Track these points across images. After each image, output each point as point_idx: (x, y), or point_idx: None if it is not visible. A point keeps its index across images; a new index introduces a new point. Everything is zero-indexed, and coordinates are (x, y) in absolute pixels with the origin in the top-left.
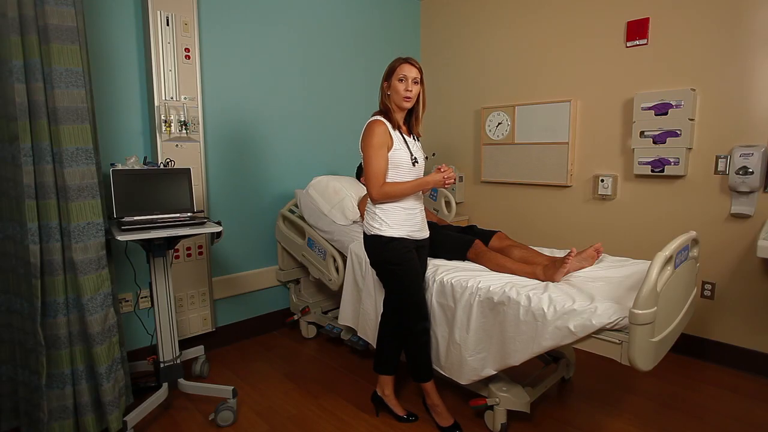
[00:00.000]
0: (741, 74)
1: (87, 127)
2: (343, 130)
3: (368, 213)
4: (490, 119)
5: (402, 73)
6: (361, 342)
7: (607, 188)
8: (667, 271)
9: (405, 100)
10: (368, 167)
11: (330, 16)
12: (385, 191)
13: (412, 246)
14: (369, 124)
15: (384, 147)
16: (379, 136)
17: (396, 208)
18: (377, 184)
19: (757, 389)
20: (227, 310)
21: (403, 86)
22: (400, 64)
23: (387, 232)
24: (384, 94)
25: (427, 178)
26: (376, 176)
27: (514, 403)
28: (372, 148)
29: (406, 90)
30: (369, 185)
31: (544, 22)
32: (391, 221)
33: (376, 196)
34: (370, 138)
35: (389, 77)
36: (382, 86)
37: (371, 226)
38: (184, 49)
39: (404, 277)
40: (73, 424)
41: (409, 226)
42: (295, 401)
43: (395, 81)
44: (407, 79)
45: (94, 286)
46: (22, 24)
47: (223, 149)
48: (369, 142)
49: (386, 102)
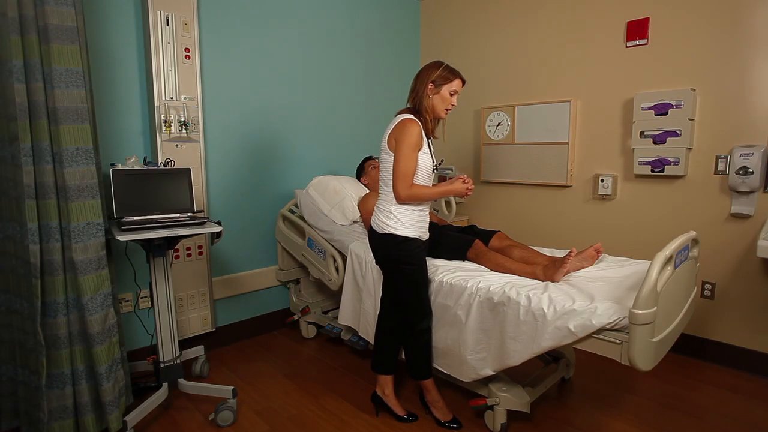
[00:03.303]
0: (741, 74)
1: (87, 127)
2: (343, 129)
3: (381, 211)
4: (490, 119)
5: (455, 88)
6: (361, 342)
7: (607, 188)
8: (667, 271)
9: (446, 112)
10: (399, 166)
11: (330, 16)
12: (413, 192)
13: (423, 246)
14: (405, 123)
15: (417, 149)
16: (415, 137)
17: (411, 209)
18: (406, 185)
19: (757, 389)
20: (227, 310)
21: (451, 101)
22: (457, 79)
23: (402, 232)
24: (425, 95)
25: (451, 186)
26: (406, 176)
27: (514, 403)
28: (408, 147)
29: (452, 104)
30: (397, 184)
31: (544, 22)
32: (406, 221)
33: (404, 196)
34: (406, 137)
35: (439, 83)
36: (426, 87)
37: (385, 224)
38: (184, 49)
39: (416, 276)
40: (73, 424)
41: (420, 227)
42: (295, 401)
43: (446, 92)
44: (456, 94)
45: (94, 286)
46: (22, 24)
47: (223, 149)
48: (405, 141)
49: (425, 104)
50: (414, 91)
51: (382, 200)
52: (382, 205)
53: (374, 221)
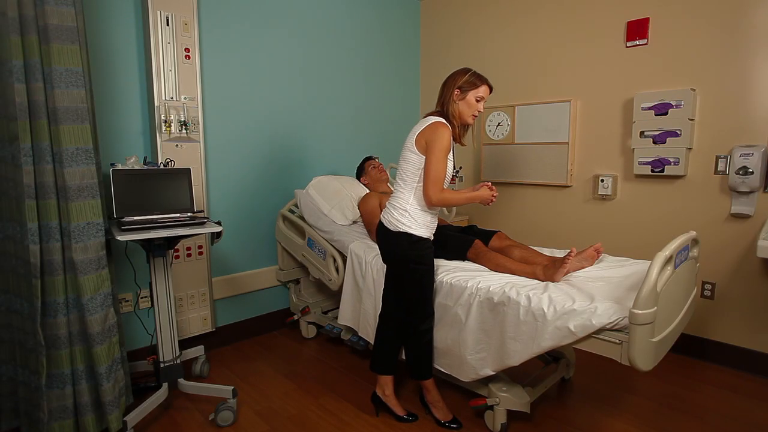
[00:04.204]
0: (741, 74)
1: (87, 127)
2: (343, 129)
3: (396, 209)
4: (490, 119)
5: (481, 94)
6: (361, 342)
7: (607, 188)
8: (667, 271)
9: (473, 118)
10: (431, 169)
11: (330, 16)
12: (444, 197)
13: (432, 247)
14: (438, 126)
15: (448, 153)
16: (447, 141)
17: (426, 211)
18: (438, 189)
19: (757, 389)
20: (227, 310)
21: (477, 107)
22: (483, 85)
23: (417, 232)
24: (452, 101)
25: (478, 193)
26: (438, 180)
27: (514, 403)
28: (441, 151)
29: (478, 110)
30: (429, 187)
31: (544, 22)
32: (421, 221)
33: (435, 200)
34: (440, 141)
35: (465, 89)
36: (453, 93)
37: (400, 222)
38: (184, 49)
39: (425, 276)
40: (73, 424)
41: (431, 228)
42: (295, 401)
43: (472, 98)
44: (483, 101)
45: (94, 286)
46: (22, 24)
47: (223, 149)
48: (439, 145)
49: (452, 109)
50: (441, 97)
51: (399, 198)
52: (397, 203)
53: (386, 218)
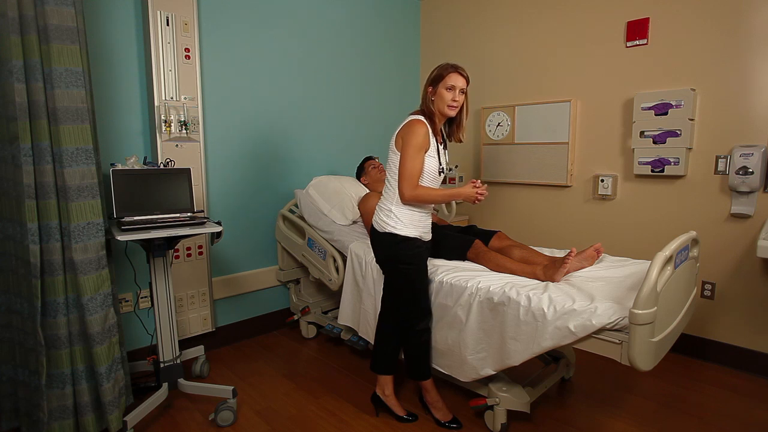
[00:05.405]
0: (741, 74)
1: (87, 127)
2: (343, 129)
3: (382, 210)
4: (490, 119)
5: (450, 83)
6: (361, 342)
7: (607, 188)
8: (667, 271)
9: (450, 109)
10: (404, 166)
11: (330, 16)
12: (418, 194)
13: (423, 246)
14: (412, 123)
15: (423, 149)
16: (421, 137)
17: (412, 209)
18: (411, 185)
19: (757, 389)
20: (227, 310)
21: (450, 96)
22: (450, 73)
23: (402, 231)
24: (428, 99)
25: (459, 189)
26: (411, 177)
27: (514, 403)
28: (413, 148)
29: (452, 100)
30: (403, 184)
31: (544, 22)
32: (407, 221)
33: (408, 197)
34: (412, 137)
35: (435, 83)
36: (427, 90)
37: (385, 223)
38: (184, 49)
39: (415, 276)
40: (73, 424)
41: (421, 227)
42: (295, 401)
43: (442, 89)
44: (455, 89)
45: (94, 286)
46: (22, 24)
47: (223, 149)
48: (411, 142)
49: (430, 106)
50: (422, 96)
51: (384, 199)
52: (383, 204)
53: (375, 220)
